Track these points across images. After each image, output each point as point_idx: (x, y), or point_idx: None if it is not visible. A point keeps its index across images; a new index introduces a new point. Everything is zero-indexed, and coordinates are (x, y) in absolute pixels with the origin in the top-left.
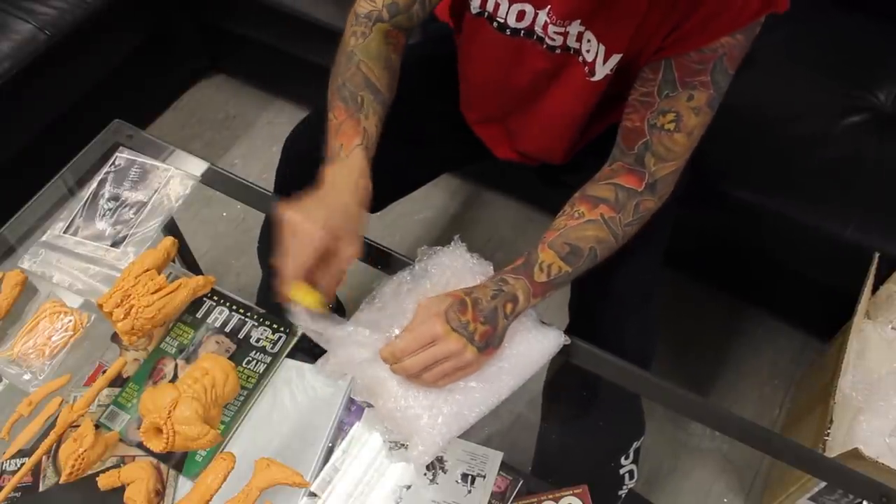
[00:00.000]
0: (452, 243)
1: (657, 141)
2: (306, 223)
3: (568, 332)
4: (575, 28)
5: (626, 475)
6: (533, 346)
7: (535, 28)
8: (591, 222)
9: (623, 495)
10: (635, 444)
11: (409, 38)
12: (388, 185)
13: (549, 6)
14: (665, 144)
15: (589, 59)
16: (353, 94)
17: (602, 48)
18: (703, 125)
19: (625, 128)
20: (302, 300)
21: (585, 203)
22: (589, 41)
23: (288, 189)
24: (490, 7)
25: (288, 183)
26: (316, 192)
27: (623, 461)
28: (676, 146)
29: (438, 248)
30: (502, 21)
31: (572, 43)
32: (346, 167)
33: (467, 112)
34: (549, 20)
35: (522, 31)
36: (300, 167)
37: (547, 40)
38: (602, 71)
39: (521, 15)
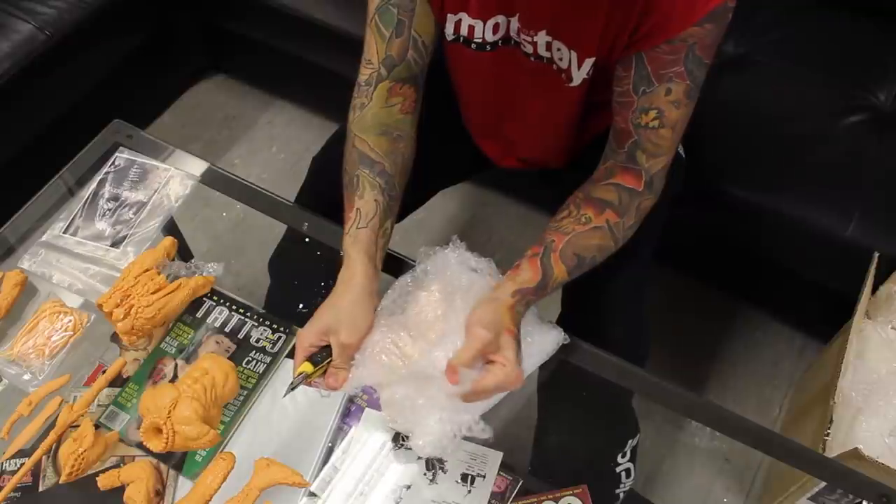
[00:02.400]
0: (451, 243)
1: (645, 139)
2: (302, 342)
3: (559, 324)
4: (542, 38)
5: (623, 473)
6: (532, 342)
7: (511, 34)
8: (597, 230)
9: (621, 494)
10: (631, 443)
11: (420, 86)
12: None
13: (517, 13)
14: (653, 141)
15: (563, 66)
16: (350, 176)
17: (574, 55)
18: (685, 117)
19: (614, 129)
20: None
21: (591, 207)
22: (559, 50)
23: (308, 201)
24: (464, 31)
25: (310, 196)
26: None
27: (620, 459)
28: (663, 141)
29: (438, 248)
30: (480, 41)
31: (544, 52)
32: (344, 261)
33: (468, 125)
34: (520, 26)
35: (500, 42)
36: (326, 184)
37: (522, 46)
38: (579, 76)
39: (496, 28)
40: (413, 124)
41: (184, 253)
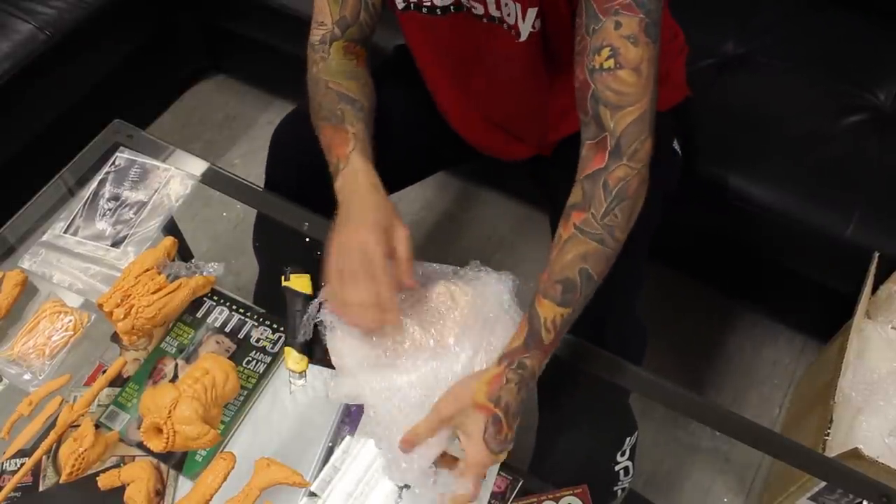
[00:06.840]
0: (483, 269)
1: (603, 86)
2: (365, 247)
3: None
4: None
5: (622, 471)
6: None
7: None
8: (568, 242)
9: (620, 492)
10: (629, 440)
11: (368, 49)
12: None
13: None
14: (612, 87)
15: (511, 22)
16: (331, 110)
17: (517, 6)
18: (649, 59)
19: (576, 92)
20: (296, 367)
21: (562, 223)
22: (507, 5)
23: (278, 184)
24: None
25: (278, 178)
26: (340, 214)
27: (618, 457)
28: (626, 86)
29: (489, 270)
30: (429, 4)
31: (494, 12)
32: (351, 173)
33: (442, 109)
34: None
35: (452, 7)
36: (287, 162)
37: (473, 9)
38: (525, 29)
39: None
40: (369, 77)
41: (184, 253)
